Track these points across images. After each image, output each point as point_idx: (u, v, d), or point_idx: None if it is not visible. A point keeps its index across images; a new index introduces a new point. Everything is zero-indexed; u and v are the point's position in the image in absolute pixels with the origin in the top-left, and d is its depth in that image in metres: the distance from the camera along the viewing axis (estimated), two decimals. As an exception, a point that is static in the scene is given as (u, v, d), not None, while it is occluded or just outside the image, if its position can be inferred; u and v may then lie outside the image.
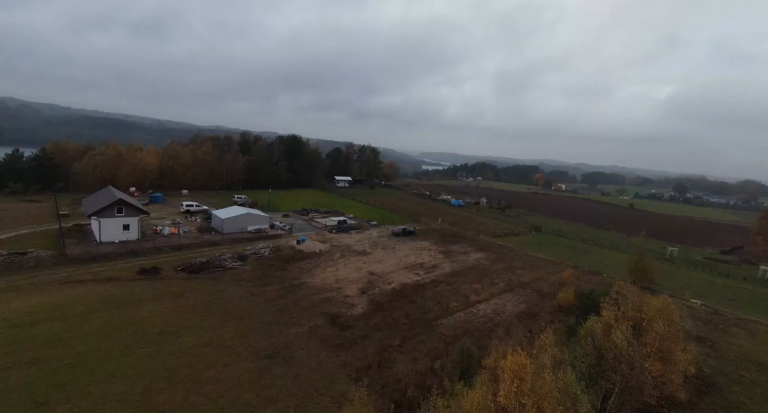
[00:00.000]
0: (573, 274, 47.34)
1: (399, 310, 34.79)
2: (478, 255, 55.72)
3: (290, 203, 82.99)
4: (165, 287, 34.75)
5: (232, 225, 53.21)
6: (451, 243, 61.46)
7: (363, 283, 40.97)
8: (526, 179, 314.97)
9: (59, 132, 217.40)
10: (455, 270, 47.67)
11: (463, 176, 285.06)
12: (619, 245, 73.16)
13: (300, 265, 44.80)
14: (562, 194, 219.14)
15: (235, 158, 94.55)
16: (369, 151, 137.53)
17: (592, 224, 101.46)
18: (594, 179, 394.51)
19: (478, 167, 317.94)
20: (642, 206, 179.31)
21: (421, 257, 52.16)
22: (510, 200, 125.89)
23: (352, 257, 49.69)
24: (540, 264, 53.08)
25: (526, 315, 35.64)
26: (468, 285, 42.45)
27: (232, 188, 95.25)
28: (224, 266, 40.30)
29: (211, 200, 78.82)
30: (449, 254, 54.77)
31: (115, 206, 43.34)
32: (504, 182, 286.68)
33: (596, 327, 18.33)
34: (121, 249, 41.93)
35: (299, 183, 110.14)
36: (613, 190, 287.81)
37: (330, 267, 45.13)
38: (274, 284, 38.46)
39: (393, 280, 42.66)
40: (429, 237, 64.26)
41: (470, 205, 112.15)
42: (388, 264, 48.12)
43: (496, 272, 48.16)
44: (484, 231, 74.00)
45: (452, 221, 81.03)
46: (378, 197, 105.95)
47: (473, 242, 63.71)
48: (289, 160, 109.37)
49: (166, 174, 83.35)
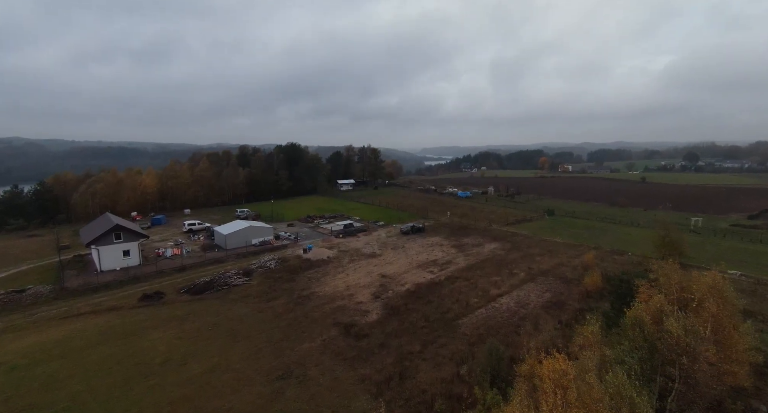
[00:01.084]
0: (596, 256, 44.60)
1: (416, 312, 32.65)
2: (493, 246, 53.29)
3: (294, 212, 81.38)
4: (168, 312, 33.09)
5: (236, 240, 51.62)
6: (463, 236, 59.11)
7: (375, 287, 38.93)
8: (531, 164, 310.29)
9: (65, 165, 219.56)
10: (471, 264, 45.36)
11: (467, 168, 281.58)
12: (638, 221, 70.00)
13: (308, 274, 42.93)
14: (570, 175, 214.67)
15: (234, 171, 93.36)
16: (369, 151, 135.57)
17: (606, 202, 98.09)
18: (600, 156, 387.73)
19: (481, 157, 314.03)
20: (654, 178, 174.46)
21: (433, 254, 49.94)
22: (518, 186, 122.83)
23: (362, 261, 47.69)
24: (559, 249, 50.44)
25: (553, 304, 33.20)
26: (486, 279, 40.11)
27: (235, 203, 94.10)
28: (229, 284, 38.59)
29: (215, 216, 77.54)
30: (462, 248, 52.45)
31: (112, 232, 41.97)
32: (509, 169, 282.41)
33: (643, 315, 15.96)
34: (122, 276, 40.51)
35: (302, 191, 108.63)
36: (622, 166, 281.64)
37: (340, 274, 43.19)
38: (282, 297, 36.61)
39: (406, 281, 40.55)
40: (439, 232, 61.99)
41: (478, 195, 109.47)
42: (399, 265, 46.02)
43: (514, 261, 45.70)
44: (496, 220, 71.44)
45: (461, 214, 78.59)
46: (383, 197, 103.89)
47: (486, 232, 61.26)
48: (290, 168, 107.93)
49: (166, 195, 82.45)
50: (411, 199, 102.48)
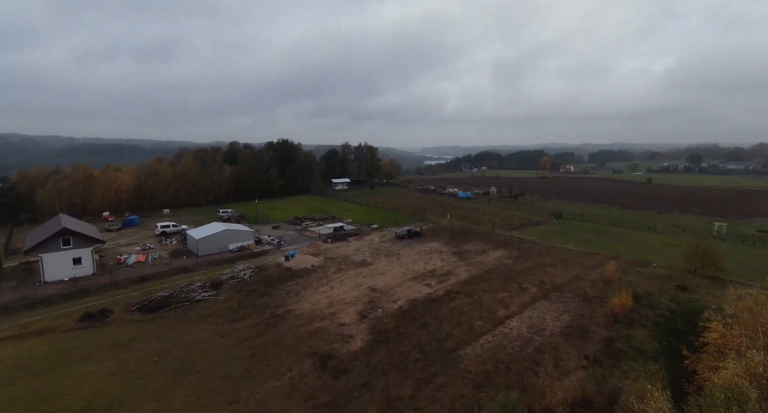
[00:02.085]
0: (617, 267, 39.00)
1: (408, 339, 27.06)
2: (498, 254, 47.72)
3: (283, 213, 75.68)
4: (110, 337, 27.41)
5: (209, 245, 45.93)
6: (464, 242, 53.52)
7: (363, 304, 33.33)
8: (532, 164, 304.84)
9: (60, 162, 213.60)
10: (473, 275, 39.78)
11: (467, 167, 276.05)
12: (654, 225, 64.54)
13: (287, 287, 37.30)
14: (572, 176, 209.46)
15: (219, 169, 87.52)
16: (366, 149, 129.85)
17: (614, 204, 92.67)
18: (601, 157, 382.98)
19: (481, 156, 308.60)
20: (659, 180, 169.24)
21: (431, 263, 44.36)
22: (521, 187, 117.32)
23: (350, 271, 42.07)
24: (573, 258, 44.88)
25: (574, 330, 27.61)
26: (492, 294, 34.52)
27: (221, 202, 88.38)
28: (191, 300, 32.93)
29: (195, 217, 71.75)
30: (464, 256, 46.87)
31: (59, 237, 36.26)
32: (510, 169, 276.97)
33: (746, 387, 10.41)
34: (68, 289, 34.81)
35: (294, 190, 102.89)
36: (624, 166, 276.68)
37: (323, 286, 37.55)
38: (251, 316, 30.97)
39: (399, 296, 34.94)
40: (438, 237, 56.39)
41: (479, 196, 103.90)
42: (392, 275, 40.41)
43: (523, 273, 40.11)
44: (500, 224, 65.87)
45: (462, 216, 73.02)
46: (379, 197, 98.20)
47: (489, 237, 55.67)
48: (282, 166, 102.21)
49: (145, 194, 76.63)
50: (409, 199, 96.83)
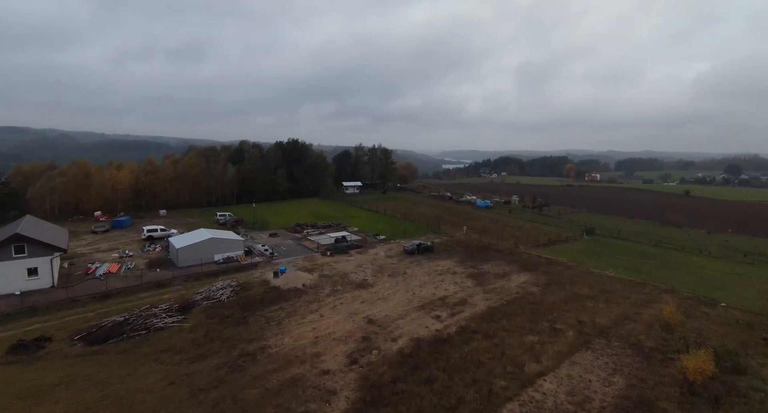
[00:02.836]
0: (677, 306, 31.16)
1: (407, 401, 20.52)
2: (522, 278, 40.47)
3: (285, 218, 70.33)
4: (33, 379, 22.00)
5: (191, 256, 40.64)
6: (483, 261, 46.46)
7: (355, 341, 26.99)
8: (555, 171, 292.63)
9: (88, 157, 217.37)
10: (493, 307, 32.81)
11: (486, 173, 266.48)
12: (706, 247, 55.56)
13: (269, 312, 31.35)
14: (599, 185, 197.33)
15: (223, 168, 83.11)
16: (380, 152, 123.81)
17: (652, 218, 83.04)
18: (629, 166, 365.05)
19: (501, 161, 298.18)
20: (697, 192, 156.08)
21: (442, 287, 37.61)
22: (546, 196, 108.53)
23: (347, 294, 35.81)
24: (615, 289, 37.17)
25: (634, 406, 20.33)
26: (517, 337, 27.53)
27: (225, 204, 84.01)
28: (150, 327, 27.36)
29: (192, 220, 67.23)
30: (481, 279, 39.87)
31: (11, 243, 31.55)
32: (531, 175, 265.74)
33: None
34: (14, 307, 29.94)
35: (301, 193, 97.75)
36: (655, 176, 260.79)
37: (312, 314, 31.41)
38: (216, 354, 25.08)
39: (401, 332, 28.43)
40: (452, 253, 49.50)
41: (500, 205, 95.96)
42: (395, 302, 33.91)
43: (555, 307, 32.84)
44: (523, 239, 58.30)
45: (481, 228, 65.73)
46: (390, 203, 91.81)
47: (512, 257, 48.38)
48: (290, 167, 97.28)
49: (143, 193, 72.83)
50: (422, 207, 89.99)
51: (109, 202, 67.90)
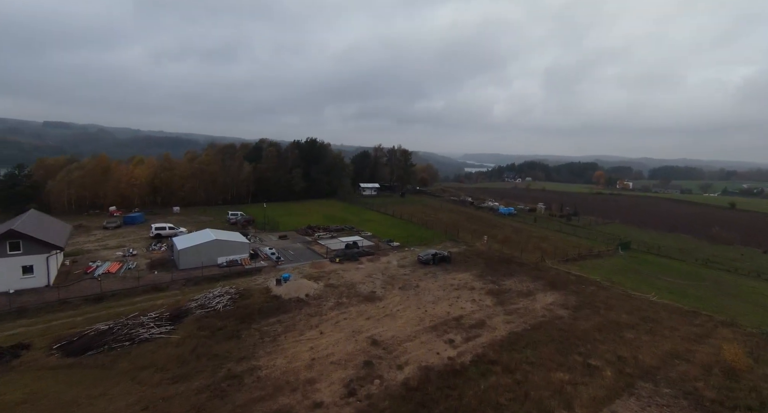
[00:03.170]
0: (740, 345, 26.13)
1: (409, 454, 17.14)
2: (550, 298, 36.15)
3: (298, 219, 68.23)
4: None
5: (192, 258, 38.74)
6: (504, 275, 42.31)
7: (355, 367, 23.85)
8: (584, 178, 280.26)
9: (123, 152, 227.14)
10: (515, 333, 28.88)
11: (510, 177, 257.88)
12: (765, 270, 48.98)
13: (265, 326, 28.70)
14: (633, 194, 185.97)
15: (239, 166, 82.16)
16: (400, 153, 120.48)
17: (696, 234, 75.58)
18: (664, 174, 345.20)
19: (526, 166, 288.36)
20: (743, 205, 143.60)
21: (458, 305, 33.93)
22: (575, 205, 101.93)
23: (352, 307, 32.76)
24: (660, 317, 32.29)
25: (694, 480, 16.16)
26: (543, 373, 23.58)
27: (240, 202, 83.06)
28: (134, 338, 25.21)
29: (205, 218, 66.24)
30: (502, 297, 35.86)
31: (5, 240, 30.39)
32: (558, 182, 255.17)
33: None
34: (3, 307, 28.56)
35: (317, 193, 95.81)
36: (694, 186, 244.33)
37: (311, 330, 28.53)
38: (200, 374, 22.54)
39: (408, 358, 25.07)
40: (471, 265, 45.56)
41: (524, 213, 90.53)
42: (405, 320, 30.56)
43: (588, 336, 28.53)
44: (550, 252, 53.51)
45: (503, 238, 61.22)
46: (408, 207, 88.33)
47: (537, 272, 43.94)
48: (307, 167, 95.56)
49: (159, 189, 72.65)
50: (441, 212, 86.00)
51: (126, 197, 67.99)
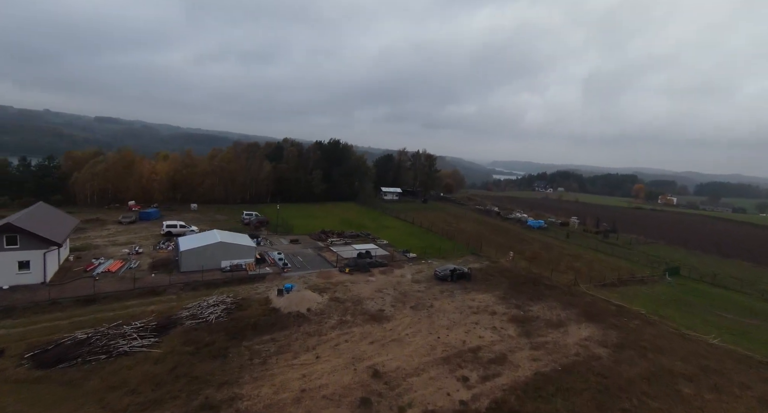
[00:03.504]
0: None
1: None
2: (585, 332, 31.22)
3: (313, 222, 65.91)
4: (-49, 408, 18.21)
5: (195, 260, 36.81)
6: (531, 299, 37.57)
7: (350, 406, 20.46)
8: (621, 190, 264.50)
9: (163, 147, 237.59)
10: (542, 374, 24.44)
11: (541, 187, 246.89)
12: None
13: (257, 344, 25.86)
14: (677, 210, 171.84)
15: (259, 165, 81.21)
16: (424, 157, 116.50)
17: (759, 261, 66.59)
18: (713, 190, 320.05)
19: (558, 176, 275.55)
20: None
21: (475, 332, 29.81)
22: (612, 220, 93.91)
23: (356, 327, 29.41)
24: (725, 368, 26.67)
25: None
26: (577, 435, 19.13)
27: (259, 202, 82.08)
28: (112, 351, 23.02)
29: (220, 216, 65.24)
30: (528, 326, 31.33)
31: (2, 234, 29.38)
32: (592, 193, 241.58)
33: None
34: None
35: (337, 196, 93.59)
36: (749, 205, 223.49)
37: (306, 352, 25.39)
38: (174, 401, 19.86)
39: (413, 398, 21.41)
40: (493, 285, 41.07)
41: (555, 227, 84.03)
42: (413, 348, 26.84)
43: (634, 387, 23.62)
44: (585, 274, 47.95)
45: (531, 254, 55.98)
46: (429, 215, 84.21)
47: (570, 298, 38.84)
48: (328, 169, 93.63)
49: (180, 185, 72.68)
50: (464, 221, 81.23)
51: (147, 192, 68.33)
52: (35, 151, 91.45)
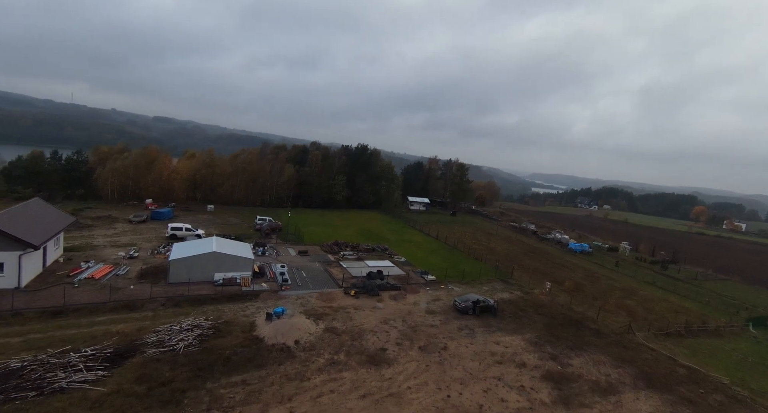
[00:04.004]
0: None
1: None
2: (645, 406, 23.74)
3: (330, 231, 61.62)
4: None
5: (184, 271, 33.25)
6: (572, 348, 30.29)
7: None
8: (677, 212, 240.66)
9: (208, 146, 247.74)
10: (588, 476, 17.61)
11: (585, 203, 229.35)
12: None
13: (222, 387, 21.17)
14: (748, 239, 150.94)
15: (281, 168, 78.57)
16: (455, 167, 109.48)
17: None
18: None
19: (605, 192, 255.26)
20: None
21: (497, 392, 23.37)
22: (672, 249, 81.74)
23: (348, 371, 24.02)
24: None
25: None
26: None
27: (279, 206, 79.45)
28: (45, 387, 19.20)
29: (236, 219, 62.65)
30: (567, 389, 24.35)
31: (-26, 233, 27.13)
32: (644, 214, 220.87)
33: None
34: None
35: (361, 204, 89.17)
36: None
37: (278, 406, 20.33)
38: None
39: None
40: (524, 324, 34.07)
41: (601, 252, 73.98)
42: (413, 410, 20.99)
43: None
44: (640, 316, 39.46)
45: (572, 286, 47.85)
46: (457, 229, 77.38)
47: (622, 350, 31.03)
48: (352, 175, 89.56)
49: (200, 185, 71.42)
50: (495, 240, 73.53)
51: (167, 191, 67.52)
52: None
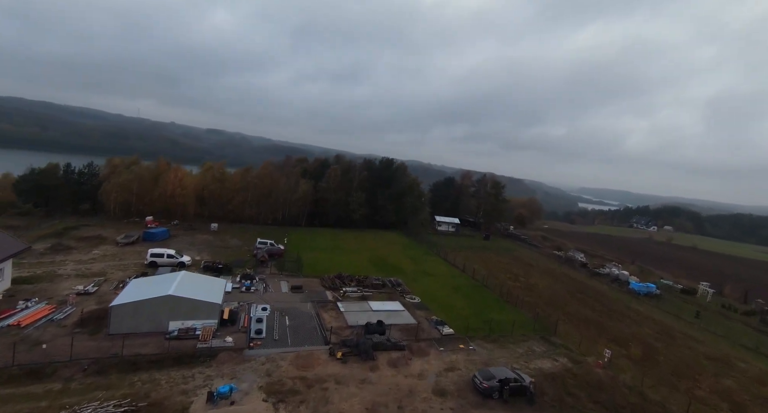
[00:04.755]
0: None
1: None
2: None
3: (339, 258, 53.94)
4: None
5: (128, 319, 26.73)
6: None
7: None
8: (756, 236, 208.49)
9: (254, 158, 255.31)
10: None
11: (641, 224, 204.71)
12: None
13: None
14: None
15: (295, 183, 72.58)
16: (490, 184, 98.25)
17: None
18: None
19: (665, 211, 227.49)
20: None
21: None
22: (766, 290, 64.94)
23: None
24: None
25: None
26: None
27: (292, 224, 73.37)
28: None
29: (236, 241, 56.81)
30: None
31: None
32: (714, 237, 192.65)
33: None
34: None
35: (381, 223, 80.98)
36: None
37: None
38: None
39: None
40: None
41: (672, 293, 59.57)
42: None
43: None
44: (745, 405, 27.17)
45: (642, 349, 35.85)
46: (489, 258, 66.62)
47: None
48: (374, 191, 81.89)
49: (207, 201, 67.03)
50: (535, 273, 61.76)
51: (171, 207, 63.70)
52: (151, 155, 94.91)
